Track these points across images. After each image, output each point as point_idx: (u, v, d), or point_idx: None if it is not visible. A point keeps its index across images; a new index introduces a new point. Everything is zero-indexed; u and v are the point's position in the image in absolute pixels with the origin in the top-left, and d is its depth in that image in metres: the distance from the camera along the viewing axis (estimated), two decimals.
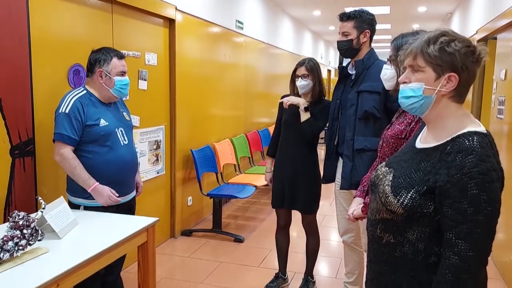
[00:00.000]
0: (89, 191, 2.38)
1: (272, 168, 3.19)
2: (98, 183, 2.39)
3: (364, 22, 2.65)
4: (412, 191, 1.25)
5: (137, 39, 3.64)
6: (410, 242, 1.28)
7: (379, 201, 1.35)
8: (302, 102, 2.96)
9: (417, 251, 1.27)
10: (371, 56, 2.68)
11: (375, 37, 2.75)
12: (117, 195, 2.44)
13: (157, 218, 2.33)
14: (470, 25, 6.11)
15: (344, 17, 2.68)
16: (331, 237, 4.44)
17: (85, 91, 2.47)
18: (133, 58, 3.57)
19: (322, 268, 3.73)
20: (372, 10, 2.85)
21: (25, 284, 1.55)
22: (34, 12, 2.54)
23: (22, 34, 2.45)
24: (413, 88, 1.31)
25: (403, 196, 1.26)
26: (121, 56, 2.52)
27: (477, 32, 5.41)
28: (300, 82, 2.96)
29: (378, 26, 2.77)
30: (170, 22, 4.10)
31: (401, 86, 1.35)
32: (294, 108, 3.01)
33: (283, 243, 3.29)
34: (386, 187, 1.32)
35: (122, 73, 2.51)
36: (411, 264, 1.29)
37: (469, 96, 5.55)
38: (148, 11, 3.69)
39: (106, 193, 2.39)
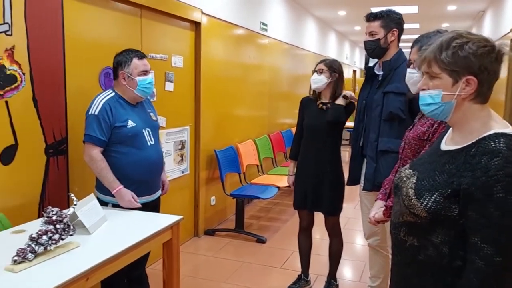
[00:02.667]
0: (113, 193, 2.46)
1: (295, 171, 3.20)
2: (122, 186, 2.46)
3: (392, 21, 2.64)
4: (436, 194, 1.23)
5: (165, 42, 3.73)
6: (434, 245, 1.25)
7: (402, 204, 1.33)
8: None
9: (442, 255, 1.24)
10: (400, 57, 2.66)
11: (403, 37, 2.74)
12: (138, 200, 2.50)
13: (181, 216, 2.40)
14: (504, 23, 5.97)
15: (371, 17, 2.68)
16: (356, 240, 4.42)
17: (113, 93, 2.55)
18: (161, 61, 3.67)
19: (346, 271, 3.72)
20: (400, 9, 2.83)
21: (57, 277, 1.63)
22: (68, 17, 2.65)
23: (57, 39, 2.56)
24: (431, 95, 1.29)
25: (427, 199, 1.24)
26: (141, 56, 2.54)
27: (511, 30, 5.29)
28: (313, 76, 2.94)
29: (406, 26, 2.75)
30: (196, 25, 4.18)
31: (420, 93, 1.33)
32: (316, 109, 3.03)
33: (305, 245, 3.30)
34: (410, 189, 1.31)
35: (144, 73, 2.54)
36: (435, 267, 1.26)
37: (501, 96, 5.43)
38: (175, 15, 3.78)
39: (127, 198, 2.46)
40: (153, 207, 2.71)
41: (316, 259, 3.65)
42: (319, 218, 3.21)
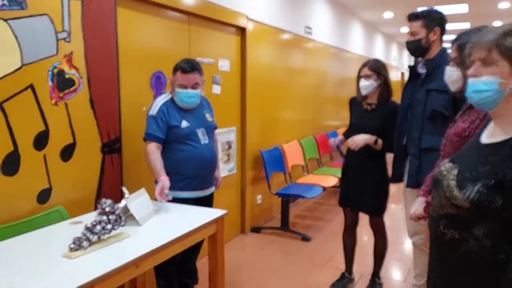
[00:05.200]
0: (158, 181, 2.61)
1: (342, 138, 3.15)
2: (164, 177, 2.56)
3: (433, 20, 2.63)
4: (479, 184, 1.19)
5: (212, 47, 3.87)
6: (476, 238, 1.21)
7: (443, 196, 1.30)
8: (367, 139, 2.92)
9: (484, 248, 1.20)
10: (443, 55, 2.64)
11: (450, 37, 2.71)
12: (167, 193, 2.54)
13: (226, 211, 2.50)
14: None
15: (412, 17, 2.68)
16: (402, 240, 4.34)
17: (170, 96, 2.76)
18: (208, 65, 3.81)
19: (391, 270, 3.68)
20: (449, 8, 2.81)
21: (109, 263, 1.74)
22: (121, 25, 2.83)
23: (111, 45, 2.74)
24: (486, 82, 1.25)
25: (469, 190, 1.20)
26: (186, 71, 2.67)
27: None
28: (362, 82, 2.97)
29: (455, 26, 2.73)
30: (242, 30, 4.29)
31: (471, 80, 1.29)
32: (361, 110, 3.04)
33: (349, 243, 3.30)
34: (451, 181, 1.27)
35: (184, 86, 2.68)
36: (477, 261, 1.22)
37: None
38: (221, 21, 3.91)
39: (159, 186, 2.53)
40: (206, 202, 2.85)
41: (361, 258, 3.64)
42: (365, 216, 3.19)
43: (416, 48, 2.68)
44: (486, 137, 1.33)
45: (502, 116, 1.27)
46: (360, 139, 2.90)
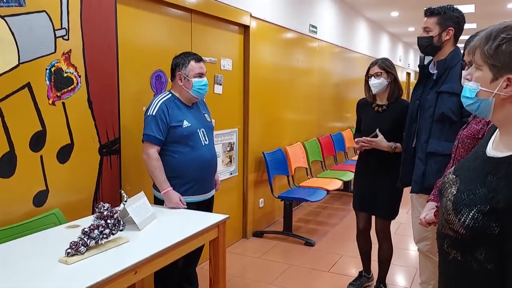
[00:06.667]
0: (161, 193, 2.56)
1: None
2: (171, 188, 2.56)
3: (449, 19, 2.54)
4: (474, 210, 1.09)
5: (214, 46, 3.80)
6: (478, 262, 1.12)
7: (442, 217, 1.23)
8: (388, 147, 2.88)
9: (488, 272, 1.11)
10: (455, 55, 2.55)
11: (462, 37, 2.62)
12: (185, 203, 2.58)
13: (228, 215, 2.43)
14: None
15: (428, 12, 2.59)
16: (408, 246, 4.27)
17: (170, 95, 2.68)
18: (210, 64, 3.73)
19: (396, 277, 3.61)
20: None
21: (107, 269, 1.69)
22: (121, 22, 2.76)
23: (111, 43, 2.67)
24: (470, 88, 1.18)
25: (465, 216, 1.11)
26: (198, 59, 2.68)
27: None
28: (372, 81, 2.91)
29: None
30: (245, 28, 4.22)
31: (464, 83, 1.23)
32: (372, 112, 2.98)
33: (366, 246, 3.26)
34: (448, 202, 1.20)
35: (200, 75, 2.66)
36: (482, 283, 1.14)
37: None
38: (224, 19, 3.84)
39: (175, 200, 2.55)
40: (207, 205, 2.79)
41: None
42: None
43: (426, 45, 2.59)
44: (492, 147, 1.23)
45: (502, 125, 1.18)
46: (383, 145, 2.86)
